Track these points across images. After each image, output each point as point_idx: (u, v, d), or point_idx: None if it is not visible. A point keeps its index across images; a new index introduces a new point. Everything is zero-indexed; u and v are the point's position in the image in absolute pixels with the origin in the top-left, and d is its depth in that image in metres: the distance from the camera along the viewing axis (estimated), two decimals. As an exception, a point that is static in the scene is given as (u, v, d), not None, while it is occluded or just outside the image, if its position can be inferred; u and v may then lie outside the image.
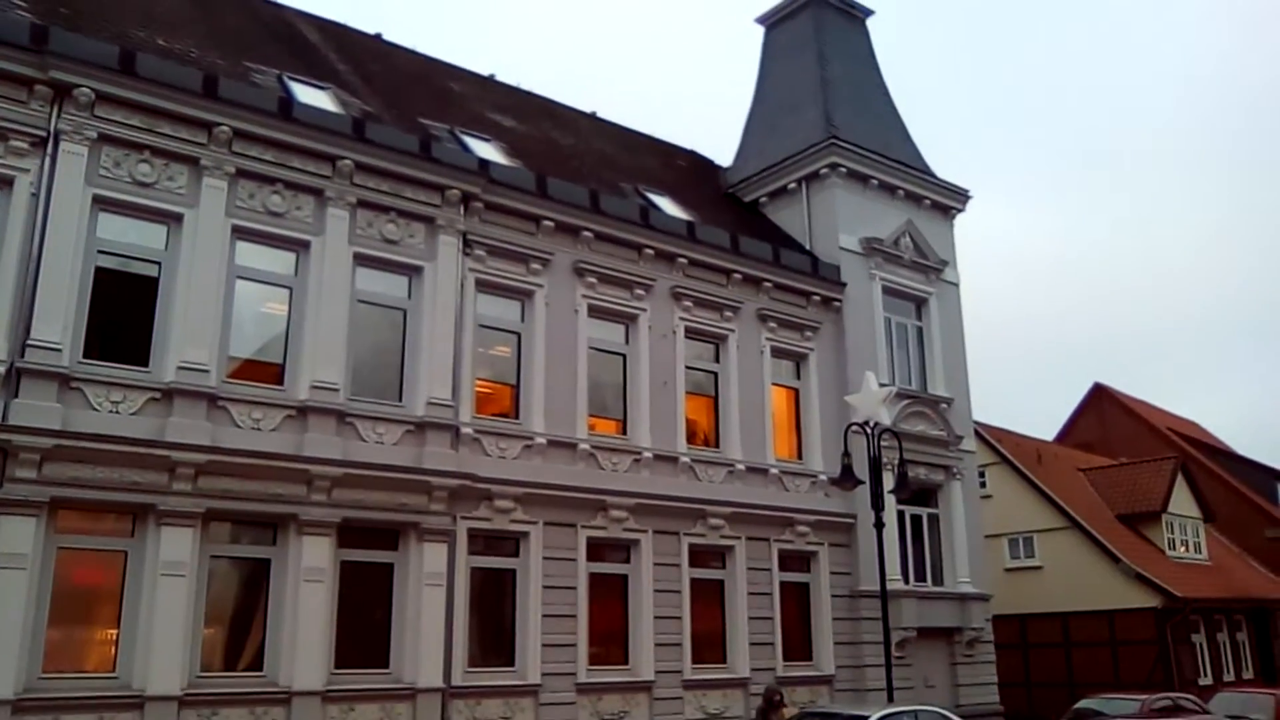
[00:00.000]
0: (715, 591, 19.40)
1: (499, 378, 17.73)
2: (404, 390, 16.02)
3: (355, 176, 15.82)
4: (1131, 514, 33.01)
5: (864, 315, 22.60)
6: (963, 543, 23.16)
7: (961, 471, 23.66)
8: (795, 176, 23.69)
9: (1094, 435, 43.79)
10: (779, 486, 20.51)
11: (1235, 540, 39.06)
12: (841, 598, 20.84)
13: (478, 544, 16.50)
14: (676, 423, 19.25)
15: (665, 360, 19.35)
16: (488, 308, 17.46)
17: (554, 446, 17.46)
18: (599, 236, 18.73)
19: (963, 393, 24.39)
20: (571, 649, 16.85)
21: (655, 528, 18.38)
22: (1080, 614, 29.98)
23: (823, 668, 20.37)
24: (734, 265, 20.57)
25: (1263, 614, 35.18)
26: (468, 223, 17.03)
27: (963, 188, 25.61)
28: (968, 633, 22.56)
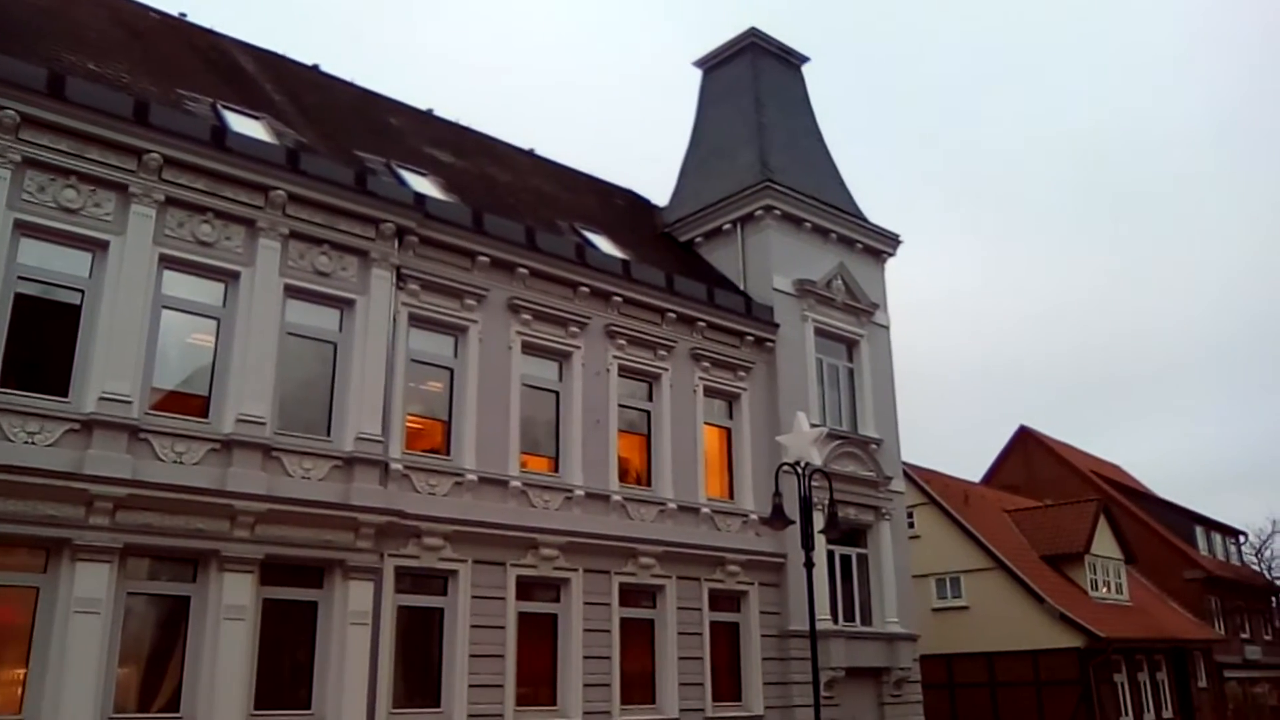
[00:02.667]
0: (645, 631, 19.30)
1: (430, 413, 17.56)
2: (333, 425, 15.78)
3: (288, 207, 15.64)
4: (1055, 555, 33.64)
5: (796, 356, 22.82)
6: (891, 583, 23.35)
7: (890, 512, 23.90)
8: (730, 218, 23.94)
9: (1019, 477, 44.64)
10: (710, 526, 20.54)
11: (1155, 581, 39.98)
12: (771, 637, 20.87)
13: (405, 582, 16.25)
14: (609, 461, 19.21)
15: (598, 398, 19.34)
16: (420, 342, 17.32)
17: (485, 483, 17.31)
18: (534, 273, 18.71)
19: (892, 434, 24.69)
20: (499, 689, 16.62)
21: (586, 566, 18.27)
22: (1006, 654, 30.42)
23: (752, 708, 20.33)
24: (669, 304, 20.68)
25: (1181, 654, 35.95)
26: (402, 256, 16.92)
27: (893, 232, 26.08)
28: (895, 673, 22.70)
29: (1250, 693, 44.00)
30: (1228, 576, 44.79)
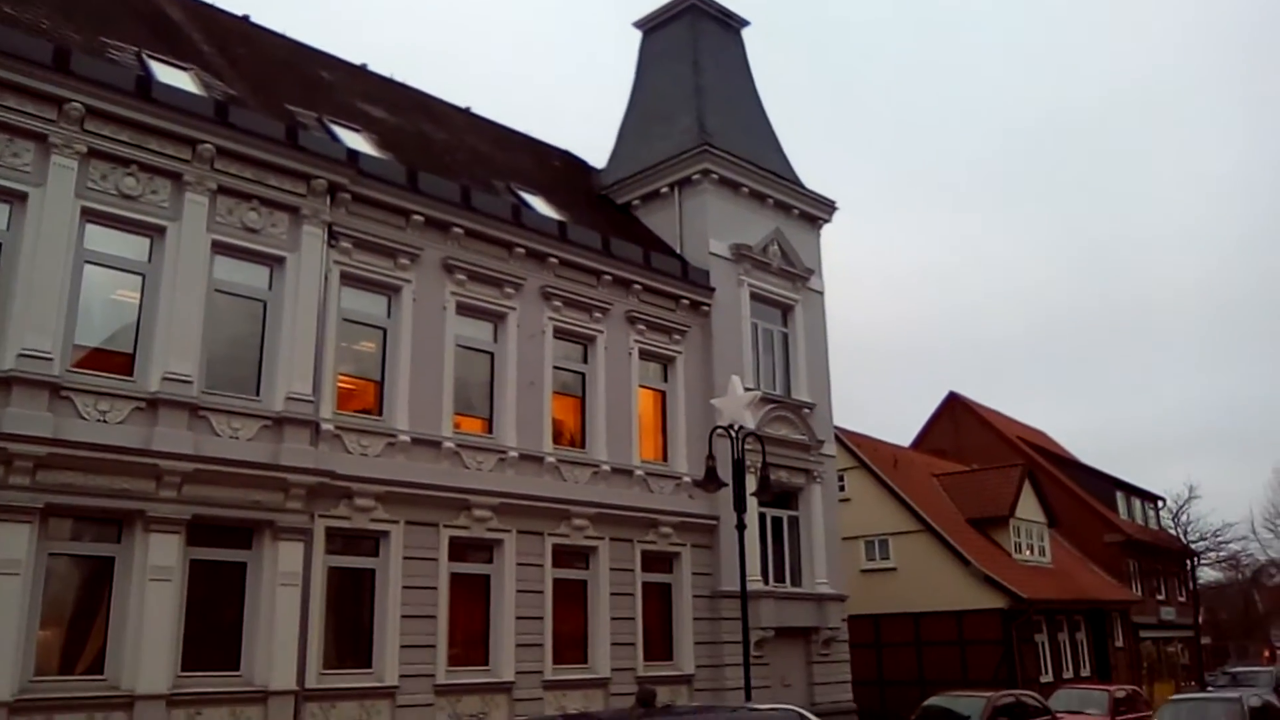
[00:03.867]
0: (578, 592, 19.41)
1: (362, 373, 17.38)
2: (262, 384, 15.53)
3: (216, 162, 15.28)
4: (981, 518, 34.35)
5: (731, 320, 22.93)
6: (821, 544, 23.72)
7: (822, 475, 24.23)
8: (668, 181, 23.89)
9: (948, 442, 45.40)
10: (644, 488, 20.65)
11: (1076, 544, 41.06)
12: (702, 598, 21.11)
13: (336, 543, 16.13)
14: (543, 423, 19.20)
15: (533, 360, 19.28)
16: (353, 302, 17.09)
17: (418, 444, 17.20)
18: (469, 233, 18.54)
19: (825, 399, 24.97)
20: (431, 650, 16.63)
21: (519, 528, 18.28)
22: (931, 614, 31.07)
23: (683, 667, 20.59)
24: (605, 267, 20.63)
25: (1100, 615, 37.03)
26: (334, 214, 16.65)
27: (829, 199, 26.24)
28: (824, 632, 23.12)
29: (1164, 651, 45.54)
30: (1146, 540, 46.13)
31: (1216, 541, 53.29)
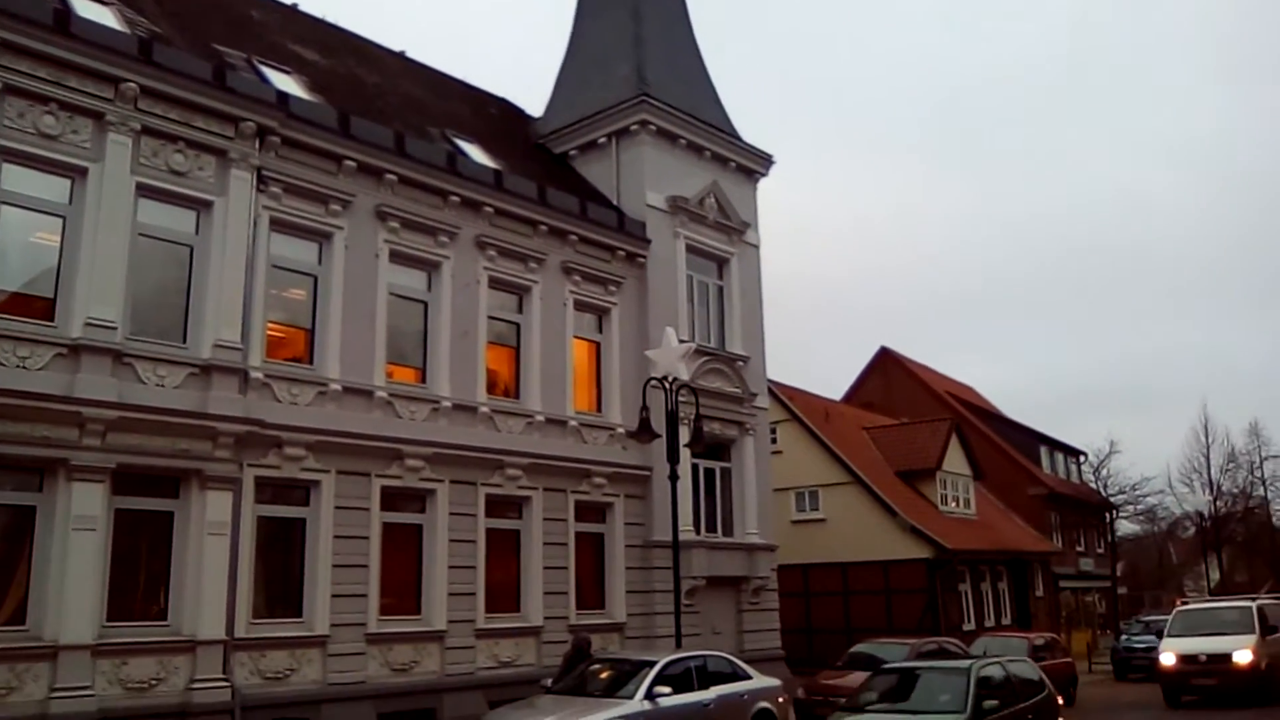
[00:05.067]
0: (511, 541, 19.48)
1: (293, 321, 17.13)
2: (188, 331, 15.24)
3: (140, 101, 14.83)
4: (909, 471, 35.01)
5: (667, 272, 22.95)
6: (752, 496, 24.03)
7: (754, 427, 24.48)
8: (605, 131, 23.72)
9: (878, 396, 46.06)
10: (577, 438, 20.70)
11: (1001, 497, 42.03)
12: (635, 548, 21.30)
13: (265, 492, 15.98)
14: (477, 373, 19.12)
15: (467, 309, 19.14)
16: (282, 248, 16.79)
17: (349, 393, 17.04)
18: (403, 180, 18.27)
19: (759, 352, 25.17)
20: (362, 599, 16.60)
21: (452, 478, 18.25)
22: (859, 564, 31.68)
23: (615, 615, 20.81)
24: (541, 217, 20.48)
25: (1021, 565, 38.05)
26: (263, 158, 16.28)
27: (767, 152, 26.26)
28: (754, 581, 23.48)
29: (1082, 601, 46.98)
30: (1067, 493, 47.36)
31: (1135, 495, 54.85)
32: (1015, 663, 14.38)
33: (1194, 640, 21.89)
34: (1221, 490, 59.93)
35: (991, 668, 13.26)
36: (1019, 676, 13.63)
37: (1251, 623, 21.87)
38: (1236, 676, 20.97)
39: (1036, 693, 13.55)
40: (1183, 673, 21.72)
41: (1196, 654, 21.53)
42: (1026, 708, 12.87)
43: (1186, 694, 21.83)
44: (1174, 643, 22.28)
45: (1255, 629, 21.62)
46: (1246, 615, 22.30)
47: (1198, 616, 23.38)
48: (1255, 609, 22.43)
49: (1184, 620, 23.31)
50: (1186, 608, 24.72)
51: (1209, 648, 21.43)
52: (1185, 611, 24.09)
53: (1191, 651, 21.65)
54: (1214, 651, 21.31)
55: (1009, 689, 12.93)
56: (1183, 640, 22.16)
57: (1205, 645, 21.54)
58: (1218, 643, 21.43)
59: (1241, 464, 61.37)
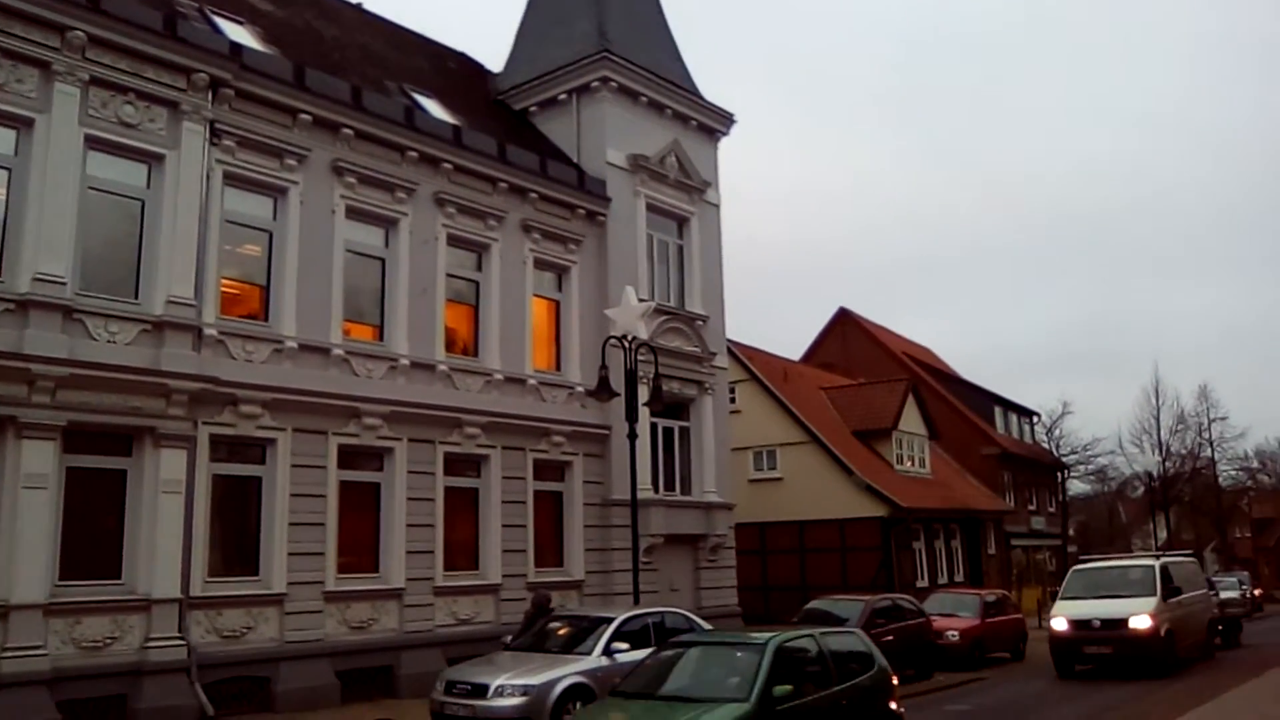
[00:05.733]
0: (469, 500, 19.47)
1: (247, 277, 16.91)
2: (141, 287, 14.98)
3: (88, 51, 14.45)
4: (866, 430, 35.35)
5: (627, 231, 22.87)
6: (711, 455, 24.15)
7: (713, 387, 24.57)
8: (566, 88, 23.50)
9: (836, 356, 46.32)
10: (536, 397, 20.68)
11: (955, 457, 42.57)
12: (593, 506, 21.38)
13: (221, 450, 15.84)
14: (435, 330, 19.00)
15: (426, 267, 18.98)
16: (237, 203, 16.52)
17: (305, 351, 16.88)
18: (360, 135, 18.02)
19: (718, 311, 25.21)
20: (320, 558, 16.54)
21: (410, 436, 18.18)
22: (815, 522, 32.02)
23: (573, 573, 20.91)
24: (500, 174, 20.30)
25: (974, 523, 38.63)
26: (216, 110, 15.97)
27: (728, 111, 26.14)
28: (711, 539, 23.67)
29: (1033, 559, 47.80)
30: (1020, 454, 48.05)
31: (1086, 455, 55.86)
32: (835, 635, 11.93)
33: (1089, 603, 20.03)
34: (1170, 451, 61.16)
35: (803, 641, 10.81)
36: (839, 651, 11.11)
37: (1153, 584, 19.99)
38: (1133, 644, 19.14)
39: (861, 671, 11.11)
40: (1075, 639, 19.86)
41: (1090, 619, 19.71)
42: (840, 693, 10.43)
43: (1080, 662, 19.97)
44: (1067, 606, 20.43)
45: (1156, 591, 19.79)
46: (1148, 576, 20.35)
47: (1095, 577, 21.38)
48: (1158, 568, 20.50)
49: (1080, 581, 21.34)
50: (1083, 567, 22.64)
51: (1104, 612, 19.59)
52: (1081, 571, 22.07)
53: (1085, 616, 19.84)
54: (1109, 616, 19.47)
55: (822, 668, 10.52)
56: (1077, 603, 20.28)
57: (1100, 609, 19.70)
58: (1114, 606, 19.54)
59: (1190, 426, 62.68)
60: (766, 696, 9.33)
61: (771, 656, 9.79)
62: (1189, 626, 20.87)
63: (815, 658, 10.61)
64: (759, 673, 9.54)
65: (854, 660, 11.21)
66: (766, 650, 9.89)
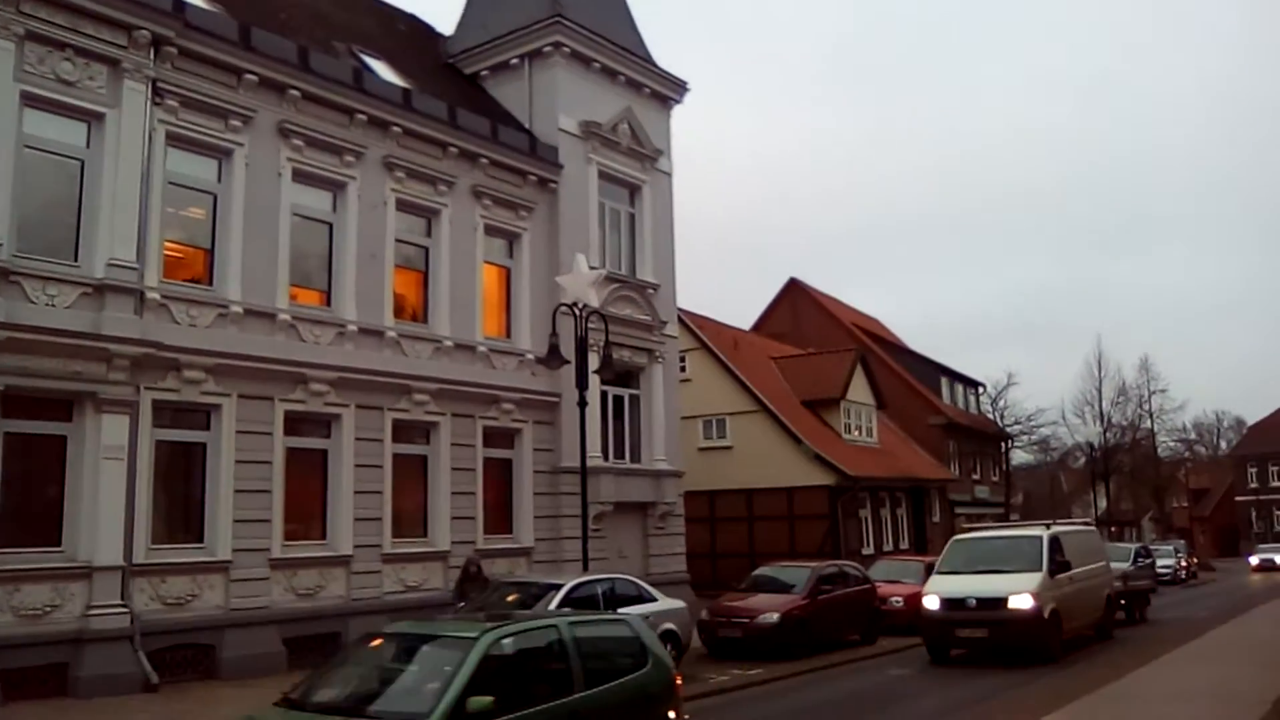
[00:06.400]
0: (418, 467, 19.38)
1: (191, 240, 16.61)
2: (81, 249, 14.65)
3: (23, 4, 14.00)
4: (814, 400, 35.62)
5: (579, 198, 22.76)
6: (660, 423, 24.23)
7: (663, 355, 24.61)
8: (518, 52, 23.25)
9: (786, 326, 46.58)
10: (486, 364, 20.58)
11: (902, 426, 43.07)
12: (543, 473, 21.38)
13: (164, 416, 15.60)
14: (384, 296, 18.82)
15: (374, 231, 18.76)
16: (180, 164, 16.19)
17: (251, 316, 16.64)
18: (307, 96, 17.72)
19: (669, 280, 25.21)
20: (266, 525, 16.39)
21: (358, 402, 18.03)
22: (764, 490, 32.28)
23: (522, 540, 20.93)
24: (450, 139, 20.08)
25: (920, 492, 39.18)
26: (158, 69, 15.59)
27: (681, 79, 26.03)
28: (661, 507, 23.80)
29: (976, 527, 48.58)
30: (966, 424, 48.72)
31: (1030, 426, 56.91)
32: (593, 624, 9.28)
33: (966, 579, 17.72)
34: (1111, 422, 62.51)
35: (540, 633, 8.36)
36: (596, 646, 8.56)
37: (1038, 558, 17.68)
38: (1012, 626, 16.77)
39: (627, 670, 8.61)
40: (947, 621, 17.46)
41: (966, 597, 17.29)
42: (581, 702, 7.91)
43: (956, 647, 17.71)
44: (941, 582, 18.09)
45: (1042, 566, 17.49)
46: (1034, 548, 17.99)
47: (976, 549, 19.08)
48: (1046, 540, 18.16)
49: (959, 553, 19.03)
50: (964, 537, 20.57)
51: (981, 589, 17.22)
52: (961, 542, 19.86)
53: (960, 594, 17.39)
54: (986, 594, 17.11)
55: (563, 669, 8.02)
56: (953, 579, 17.95)
57: (978, 586, 17.32)
58: (993, 583, 17.23)
59: (1131, 397, 64.12)
60: (458, 713, 6.93)
61: (477, 658, 7.36)
62: (1081, 605, 18.65)
63: (555, 654, 8.10)
64: (453, 680, 7.16)
65: (619, 656, 8.75)
66: (473, 649, 7.45)
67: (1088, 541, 20.97)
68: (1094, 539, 22.12)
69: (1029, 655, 16.66)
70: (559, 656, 8.11)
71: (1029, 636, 16.80)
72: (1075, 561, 18.66)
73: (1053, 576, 17.54)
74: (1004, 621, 16.82)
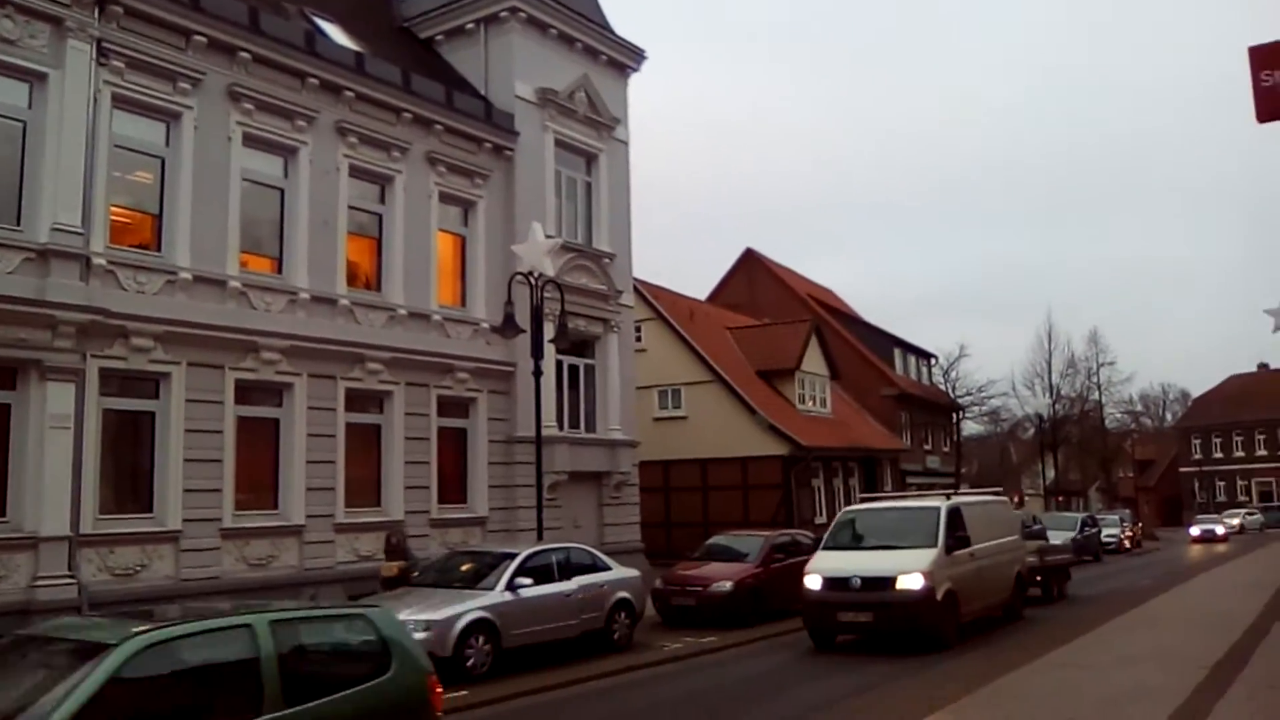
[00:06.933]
0: (372, 436, 19.24)
1: (139, 205, 16.28)
2: (23, 213, 14.31)
3: (-39, -40, 13.64)
4: (769, 370, 35.81)
5: (535, 166, 22.58)
6: (616, 393, 24.23)
7: (619, 325, 24.58)
8: (474, 17, 22.93)
9: (742, 297, 46.69)
10: (441, 333, 20.44)
11: (855, 397, 43.43)
12: (498, 443, 21.31)
13: (112, 384, 15.33)
14: (336, 264, 18.59)
15: (327, 198, 18.50)
16: (126, 127, 15.83)
17: (200, 283, 16.37)
18: (257, 59, 17.37)
19: (625, 249, 25.13)
20: (216, 494, 16.21)
21: (310, 371, 17.84)
22: (718, 460, 32.45)
23: (477, 510, 20.89)
24: (404, 104, 19.82)
25: (872, 462, 39.58)
26: (103, 28, 15.21)
27: (639, 47, 25.85)
28: (615, 476, 23.84)
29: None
30: (918, 395, 49.20)
31: (980, 397, 57.52)
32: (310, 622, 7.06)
33: (853, 556, 16.06)
34: (1060, 394, 63.49)
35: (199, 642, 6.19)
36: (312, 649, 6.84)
37: (934, 532, 15.69)
38: (900, 610, 14.80)
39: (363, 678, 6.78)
40: (828, 603, 15.47)
41: (850, 576, 15.32)
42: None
43: (839, 632, 15.79)
44: (826, 559, 16.27)
45: (938, 541, 15.53)
46: (930, 522, 16.00)
47: (868, 522, 17.29)
48: (945, 512, 16.14)
49: (849, 527, 17.14)
50: (855, 509, 18.42)
51: (867, 567, 15.41)
52: (854, 512, 17.87)
53: (844, 572, 15.47)
54: (872, 573, 15.24)
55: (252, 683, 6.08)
56: (838, 556, 16.20)
57: (864, 563, 15.59)
58: (879, 561, 15.49)
59: (1080, 369, 65.11)
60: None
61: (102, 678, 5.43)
62: (985, 584, 16.73)
63: (238, 666, 6.16)
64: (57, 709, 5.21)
65: (347, 662, 7.08)
66: (102, 664, 5.51)
67: (996, 513, 18.97)
68: (1003, 510, 20.13)
69: (916, 643, 14.79)
70: (244, 669, 6.14)
71: (919, 620, 14.82)
72: (980, 536, 16.85)
73: (950, 553, 15.68)
74: (891, 604, 14.87)
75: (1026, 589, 19.65)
